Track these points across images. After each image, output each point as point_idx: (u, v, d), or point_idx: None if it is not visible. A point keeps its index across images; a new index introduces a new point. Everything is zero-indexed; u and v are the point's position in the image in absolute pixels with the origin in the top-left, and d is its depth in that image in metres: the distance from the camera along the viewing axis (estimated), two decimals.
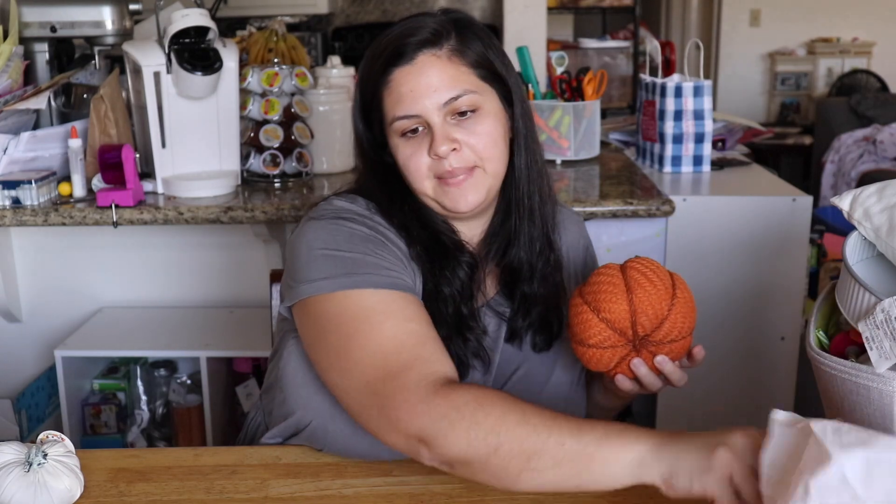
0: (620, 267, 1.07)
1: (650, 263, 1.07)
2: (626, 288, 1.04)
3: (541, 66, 3.29)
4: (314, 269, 1.07)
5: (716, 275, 2.06)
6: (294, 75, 2.16)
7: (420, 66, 1.09)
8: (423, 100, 1.08)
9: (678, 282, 1.08)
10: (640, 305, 1.04)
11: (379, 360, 0.99)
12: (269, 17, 3.75)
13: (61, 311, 2.29)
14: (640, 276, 1.05)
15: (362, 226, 1.11)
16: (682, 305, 1.06)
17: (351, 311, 1.03)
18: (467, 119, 1.10)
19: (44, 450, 1.01)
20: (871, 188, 1.06)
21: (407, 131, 1.10)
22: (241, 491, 1.07)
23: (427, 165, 1.10)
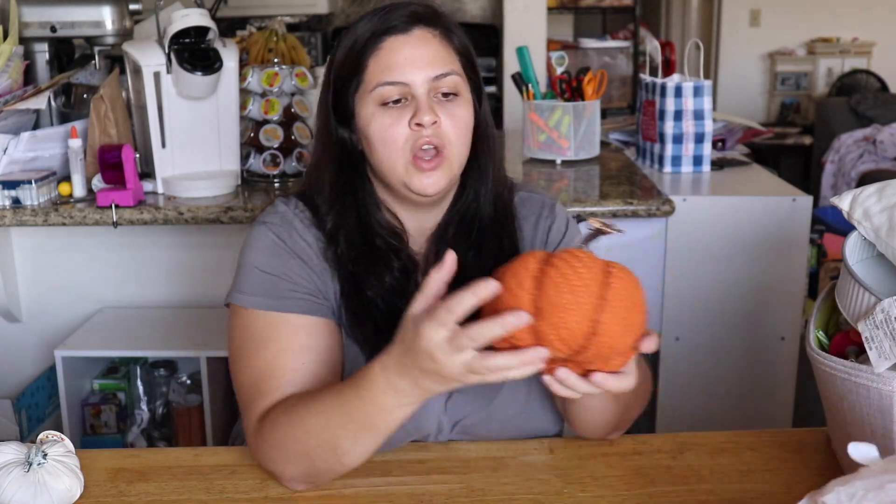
0: (541, 263, 0.83)
1: (575, 262, 0.82)
2: (533, 299, 0.81)
3: (541, 66, 3.29)
4: (241, 278, 1.13)
5: (716, 275, 2.06)
6: (294, 75, 2.16)
7: (415, 39, 1.10)
8: (415, 70, 1.08)
9: (615, 284, 0.83)
10: (549, 327, 0.81)
11: (244, 388, 1.09)
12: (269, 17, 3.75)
13: (61, 311, 2.29)
14: (557, 284, 0.81)
15: (284, 237, 1.13)
16: (613, 319, 0.82)
17: (247, 330, 1.10)
18: (448, 101, 1.10)
19: (44, 450, 1.01)
20: (871, 188, 1.07)
21: (389, 101, 1.09)
22: (241, 491, 1.07)
23: (405, 137, 1.08)
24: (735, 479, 1.08)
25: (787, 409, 2.14)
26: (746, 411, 2.13)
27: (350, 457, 0.99)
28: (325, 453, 0.99)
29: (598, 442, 1.18)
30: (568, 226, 1.24)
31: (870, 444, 0.76)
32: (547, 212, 1.23)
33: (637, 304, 0.85)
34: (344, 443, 0.97)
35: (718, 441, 1.17)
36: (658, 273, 2.07)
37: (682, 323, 2.09)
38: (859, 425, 0.93)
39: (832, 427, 1.06)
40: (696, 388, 2.13)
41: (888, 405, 0.89)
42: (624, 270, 0.85)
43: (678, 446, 1.16)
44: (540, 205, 1.24)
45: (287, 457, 1.02)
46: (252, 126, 2.19)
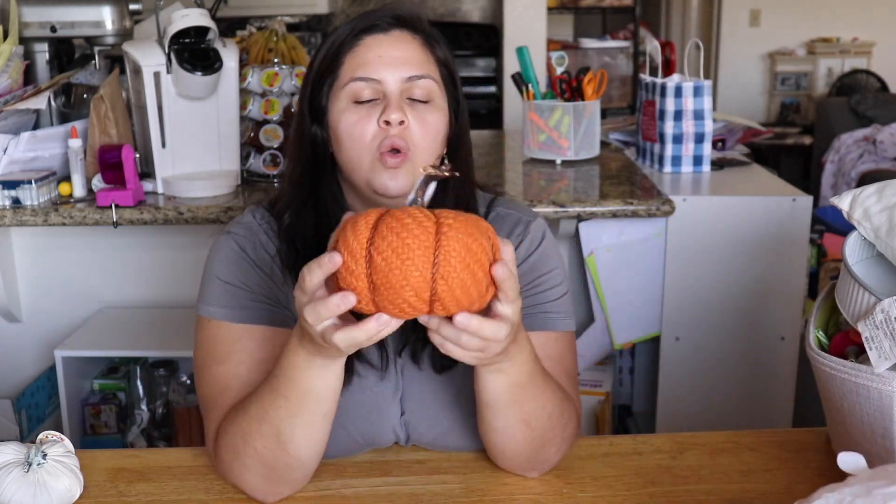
0: (371, 231, 0.81)
1: (402, 231, 0.79)
2: (368, 277, 0.80)
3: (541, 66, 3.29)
4: (204, 288, 1.14)
5: (716, 275, 2.06)
6: (294, 75, 2.16)
7: (394, 39, 1.09)
8: (388, 68, 1.07)
9: (444, 243, 0.79)
10: (390, 304, 0.80)
11: (206, 401, 1.09)
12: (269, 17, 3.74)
13: (61, 311, 2.29)
14: (387, 260, 0.79)
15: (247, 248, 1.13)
16: (449, 282, 0.79)
17: (208, 341, 1.11)
18: (420, 105, 1.08)
19: (43, 450, 1.01)
20: (871, 188, 1.07)
21: (360, 98, 1.08)
22: (240, 491, 1.07)
23: (372, 135, 1.07)
24: (735, 479, 1.09)
25: (787, 410, 2.14)
26: (746, 411, 2.13)
27: (294, 444, 0.98)
28: (269, 443, 0.98)
29: (598, 442, 1.18)
30: (542, 243, 1.18)
31: (857, 453, 0.77)
32: (521, 229, 1.18)
33: (472, 252, 0.80)
34: (282, 426, 0.97)
35: (718, 441, 1.17)
36: (658, 273, 2.07)
37: (682, 323, 2.09)
38: (859, 425, 0.93)
39: (832, 427, 1.06)
40: (696, 388, 2.13)
41: (888, 405, 0.89)
42: (455, 220, 0.81)
43: (678, 446, 1.16)
44: (514, 222, 1.19)
45: (241, 460, 1.01)
46: (252, 126, 2.19)
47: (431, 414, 1.13)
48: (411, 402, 1.13)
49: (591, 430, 2.24)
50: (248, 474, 1.02)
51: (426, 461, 1.13)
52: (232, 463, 1.03)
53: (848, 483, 0.72)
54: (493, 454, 1.09)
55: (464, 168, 1.14)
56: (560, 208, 1.94)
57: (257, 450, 1.00)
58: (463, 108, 1.16)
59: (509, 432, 1.03)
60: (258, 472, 1.01)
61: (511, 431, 1.03)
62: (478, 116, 4.56)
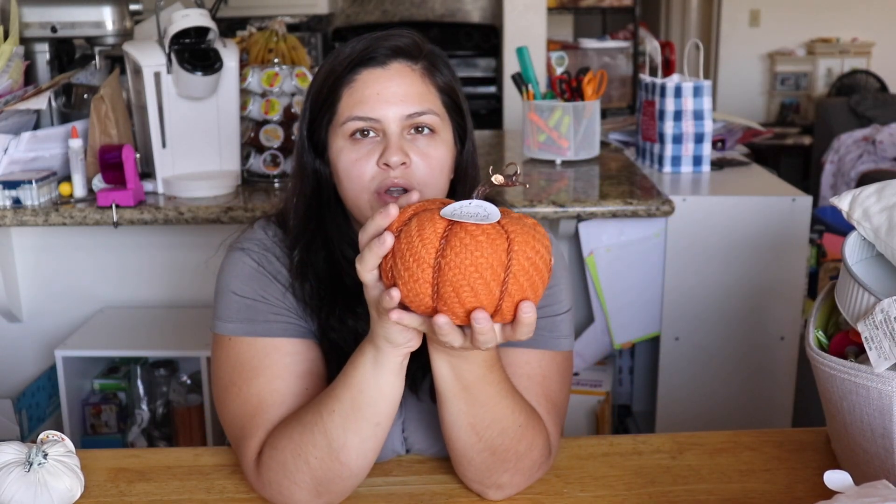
0: (444, 230, 0.82)
1: (478, 239, 0.81)
2: (433, 280, 0.82)
3: (541, 66, 3.30)
4: (220, 306, 1.09)
5: (715, 275, 2.06)
6: (294, 75, 2.16)
7: (392, 73, 1.05)
8: (388, 106, 1.03)
9: (516, 259, 0.82)
10: (452, 315, 0.83)
11: (238, 420, 1.05)
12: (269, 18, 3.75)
13: (61, 311, 2.29)
14: (458, 266, 0.80)
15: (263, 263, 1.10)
16: (514, 294, 0.82)
17: (234, 359, 1.06)
18: (423, 137, 1.05)
19: (44, 450, 1.01)
20: (871, 188, 1.07)
21: (357, 132, 1.04)
22: (241, 491, 1.07)
23: (371, 175, 1.03)
24: (735, 479, 1.09)
25: (787, 409, 2.14)
26: (746, 411, 2.14)
27: (346, 453, 0.96)
28: (321, 453, 0.96)
29: (598, 442, 1.18)
30: None
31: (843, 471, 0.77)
32: None
33: (537, 267, 0.83)
34: (335, 433, 0.95)
35: (718, 441, 1.18)
36: (658, 273, 2.07)
37: (682, 323, 2.09)
38: (859, 425, 0.93)
39: (832, 427, 1.06)
40: (696, 388, 2.13)
41: (888, 405, 0.89)
42: (522, 234, 0.83)
43: (678, 446, 1.16)
44: None
45: (290, 475, 0.98)
46: (252, 126, 2.19)
47: (431, 435, 1.13)
48: (412, 426, 1.14)
49: (591, 430, 2.24)
50: (297, 491, 0.99)
51: (426, 461, 1.14)
52: (281, 481, 0.99)
53: (836, 500, 0.73)
54: (452, 460, 1.05)
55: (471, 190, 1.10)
56: (560, 208, 1.94)
57: (309, 463, 0.97)
58: (469, 131, 1.13)
59: (455, 431, 1.00)
60: (308, 487, 0.99)
61: (457, 432, 1.00)
62: (478, 116, 4.55)
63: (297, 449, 0.98)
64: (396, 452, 1.14)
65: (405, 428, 1.14)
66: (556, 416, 1.09)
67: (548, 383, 1.09)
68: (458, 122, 1.11)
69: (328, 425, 0.96)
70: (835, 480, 0.77)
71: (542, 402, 1.07)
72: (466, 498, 1.06)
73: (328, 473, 0.98)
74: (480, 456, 1.00)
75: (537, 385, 1.08)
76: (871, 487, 0.74)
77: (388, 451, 1.13)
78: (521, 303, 0.82)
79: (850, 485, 0.76)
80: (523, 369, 1.07)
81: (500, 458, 1.01)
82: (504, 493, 1.04)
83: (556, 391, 1.10)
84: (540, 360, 1.09)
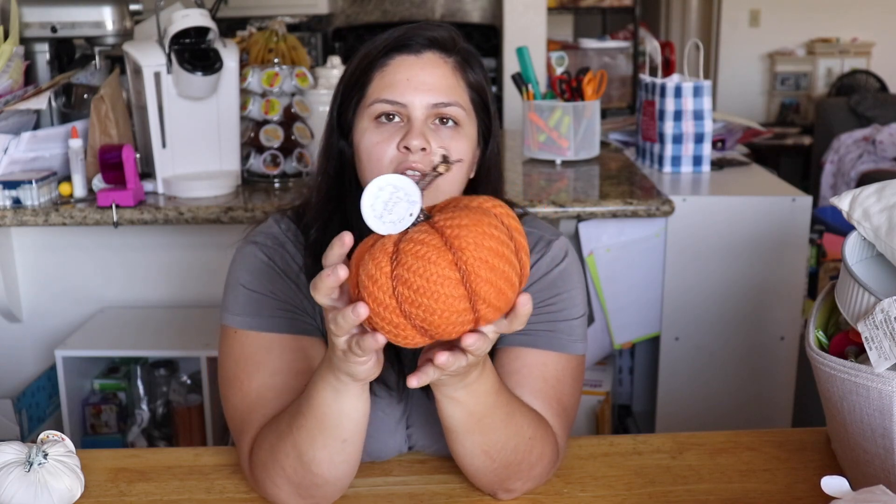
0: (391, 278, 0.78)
1: (419, 255, 0.77)
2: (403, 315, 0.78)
3: (541, 66, 3.29)
4: (229, 298, 1.10)
5: (715, 275, 2.06)
6: (294, 75, 2.16)
7: (425, 62, 1.06)
8: (416, 93, 1.04)
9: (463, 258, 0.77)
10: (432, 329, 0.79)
11: (239, 414, 1.06)
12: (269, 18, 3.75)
13: (61, 311, 2.29)
14: (414, 300, 0.77)
15: (274, 258, 1.10)
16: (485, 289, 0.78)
17: (238, 352, 1.07)
18: (447, 129, 1.06)
19: (44, 450, 1.01)
20: (871, 188, 1.07)
21: (382, 115, 1.05)
22: (241, 491, 1.07)
23: (390, 158, 1.04)
24: (735, 479, 1.09)
25: (787, 409, 2.14)
26: (746, 411, 2.14)
27: (317, 465, 0.96)
28: (293, 462, 0.97)
29: (598, 442, 1.18)
30: (562, 262, 1.15)
31: (841, 477, 0.77)
32: (542, 246, 1.16)
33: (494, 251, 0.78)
34: (304, 447, 0.95)
35: (718, 441, 1.18)
36: (658, 273, 2.07)
37: (682, 323, 2.09)
38: (859, 425, 0.93)
39: (832, 427, 1.06)
40: (696, 388, 2.13)
41: (888, 405, 0.89)
42: (460, 225, 0.78)
43: (678, 446, 1.16)
44: (536, 240, 1.16)
45: (272, 478, 1.00)
46: (252, 126, 2.19)
47: (436, 431, 1.12)
48: (417, 421, 1.14)
49: (591, 430, 2.24)
50: (279, 491, 1.00)
51: (426, 461, 1.14)
52: (264, 480, 1.01)
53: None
54: (463, 471, 1.06)
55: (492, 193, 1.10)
56: (560, 208, 1.94)
57: (284, 468, 0.98)
58: (495, 133, 1.13)
59: (468, 458, 1.01)
60: (288, 489, 1.00)
61: (470, 458, 1.00)
62: None
63: (274, 455, 0.98)
64: (399, 450, 1.14)
65: (409, 424, 1.14)
66: (566, 419, 1.09)
67: (560, 386, 1.09)
68: (483, 121, 1.11)
69: (297, 439, 0.96)
70: (832, 485, 0.77)
71: (554, 405, 1.07)
72: (467, 498, 1.06)
73: (303, 481, 0.98)
74: (494, 473, 1.02)
75: (551, 387, 1.08)
76: (869, 493, 0.74)
77: (390, 449, 1.13)
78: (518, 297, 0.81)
79: (848, 490, 0.77)
80: (538, 371, 1.07)
81: (514, 470, 1.02)
82: (513, 495, 1.05)
83: (568, 395, 1.10)
84: (556, 362, 1.09)
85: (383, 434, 1.12)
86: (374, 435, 1.11)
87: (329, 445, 0.95)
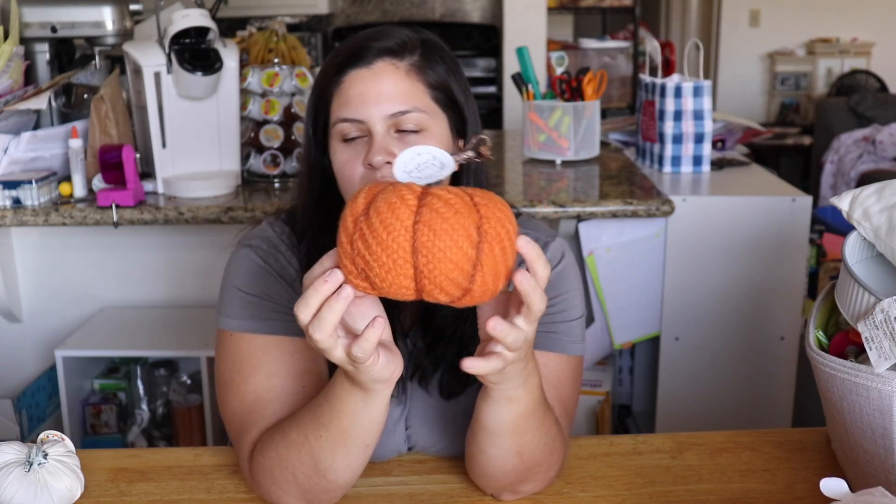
0: (417, 199, 0.77)
1: (450, 203, 0.77)
2: (411, 246, 0.76)
3: (541, 66, 3.30)
4: (224, 301, 1.10)
5: (715, 275, 2.06)
6: (294, 75, 2.16)
7: (376, 72, 1.04)
8: (370, 106, 1.03)
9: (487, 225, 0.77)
10: (429, 275, 0.77)
11: (237, 417, 1.05)
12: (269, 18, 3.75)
13: (62, 311, 2.29)
14: (432, 231, 0.75)
15: (269, 261, 1.10)
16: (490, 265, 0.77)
17: (234, 355, 1.07)
18: (409, 136, 1.04)
19: (44, 449, 1.01)
20: (871, 188, 1.07)
21: (347, 136, 1.05)
22: (241, 491, 1.07)
23: (360, 176, 1.04)
24: (735, 479, 1.09)
25: (787, 409, 2.14)
26: (746, 411, 2.14)
27: (334, 472, 0.96)
28: (308, 470, 0.96)
29: (598, 442, 1.18)
30: (559, 263, 1.14)
31: (840, 479, 0.77)
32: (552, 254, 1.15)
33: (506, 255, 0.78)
34: (322, 455, 0.95)
35: (718, 441, 1.18)
36: (658, 273, 2.07)
37: (682, 323, 2.09)
38: (859, 425, 0.93)
39: (832, 427, 1.06)
40: (696, 388, 2.13)
41: (888, 405, 0.89)
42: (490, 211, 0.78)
43: (678, 446, 1.16)
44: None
45: (278, 483, 0.99)
46: (252, 126, 2.19)
47: (436, 432, 1.13)
48: (416, 422, 1.14)
49: (591, 430, 2.24)
50: (285, 496, 1.00)
51: (426, 461, 1.14)
52: (269, 486, 1.00)
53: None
54: (472, 472, 1.05)
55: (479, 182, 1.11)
56: (560, 208, 1.94)
57: (296, 476, 0.97)
58: (472, 125, 1.11)
59: (500, 460, 0.99)
60: (295, 494, 0.99)
61: (502, 460, 0.99)
62: None
63: (284, 463, 0.98)
64: (399, 450, 1.14)
65: (409, 425, 1.14)
66: (567, 419, 1.09)
67: (561, 387, 1.09)
68: (455, 116, 1.10)
69: (315, 448, 0.95)
70: (831, 487, 0.77)
71: (556, 406, 1.07)
72: (467, 498, 1.06)
73: (315, 487, 0.98)
74: (517, 474, 1.01)
75: (552, 388, 1.07)
76: (868, 494, 0.74)
77: (389, 450, 1.13)
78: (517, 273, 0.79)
79: (847, 492, 0.77)
80: (542, 372, 1.07)
81: (535, 472, 1.02)
82: (518, 496, 1.05)
83: (569, 396, 1.10)
84: (557, 363, 1.09)
85: (383, 434, 1.12)
86: None
87: (351, 452, 0.95)
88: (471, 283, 0.77)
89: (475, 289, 0.78)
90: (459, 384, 1.11)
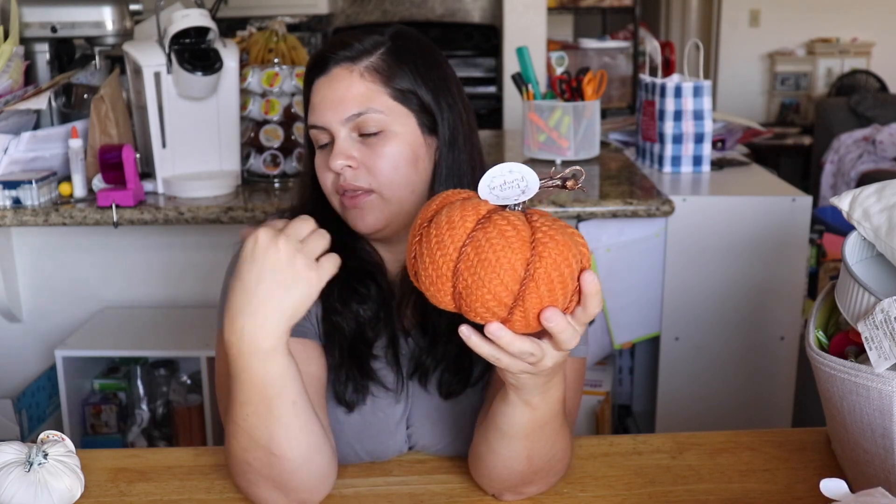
0: (476, 222, 0.78)
1: (505, 234, 0.77)
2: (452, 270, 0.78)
3: (541, 66, 3.30)
4: (223, 301, 1.10)
5: (715, 275, 2.06)
6: (294, 75, 2.16)
7: (332, 78, 1.07)
8: (328, 111, 1.06)
9: (539, 263, 0.77)
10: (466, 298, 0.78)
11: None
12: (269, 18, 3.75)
13: (61, 311, 2.29)
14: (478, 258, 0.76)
15: None
16: (533, 303, 0.78)
17: None
18: (371, 139, 1.06)
19: (44, 449, 1.01)
20: (871, 188, 1.07)
21: (320, 143, 1.09)
22: (241, 490, 1.07)
23: (331, 181, 1.08)
24: (735, 479, 1.09)
25: (787, 409, 2.14)
26: (746, 411, 2.14)
27: (276, 444, 0.94)
28: (256, 452, 0.95)
29: (598, 442, 1.18)
30: None
31: (839, 479, 0.77)
32: None
33: (560, 281, 0.78)
34: (256, 432, 0.94)
35: (718, 441, 1.18)
36: (658, 273, 2.07)
37: (682, 323, 2.09)
38: (859, 425, 0.93)
39: (832, 427, 1.06)
40: (696, 388, 2.13)
41: (888, 405, 0.89)
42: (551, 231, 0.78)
43: (678, 446, 1.16)
44: None
45: (245, 478, 0.99)
46: (252, 126, 2.19)
47: (437, 431, 1.13)
48: (417, 421, 1.14)
49: (591, 430, 2.24)
50: (258, 490, 0.99)
51: (426, 461, 1.14)
52: (244, 486, 1.00)
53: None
54: (477, 470, 1.04)
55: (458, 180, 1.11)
56: (560, 208, 1.94)
57: (251, 464, 0.97)
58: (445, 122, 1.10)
59: (509, 461, 0.98)
60: (263, 484, 0.98)
61: (511, 461, 0.98)
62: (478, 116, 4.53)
63: (236, 456, 0.97)
64: (399, 450, 1.14)
65: (410, 424, 1.14)
66: (571, 422, 1.09)
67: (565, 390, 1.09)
68: (424, 116, 1.09)
69: (247, 428, 0.94)
70: (831, 488, 0.77)
71: None
72: (467, 498, 1.06)
73: (273, 470, 0.96)
74: (522, 476, 1.01)
75: None
76: (868, 495, 0.74)
77: (391, 450, 1.13)
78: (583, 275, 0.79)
79: (847, 492, 0.77)
80: None
81: (541, 476, 1.02)
82: (520, 497, 1.05)
83: (571, 398, 1.10)
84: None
85: (383, 434, 1.12)
86: (374, 435, 1.11)
87: (280, 417, 0.93)
88: (510, 315, 0.78)
89: (515, 321, 0.78)
90: (460, 384, 1.11)
